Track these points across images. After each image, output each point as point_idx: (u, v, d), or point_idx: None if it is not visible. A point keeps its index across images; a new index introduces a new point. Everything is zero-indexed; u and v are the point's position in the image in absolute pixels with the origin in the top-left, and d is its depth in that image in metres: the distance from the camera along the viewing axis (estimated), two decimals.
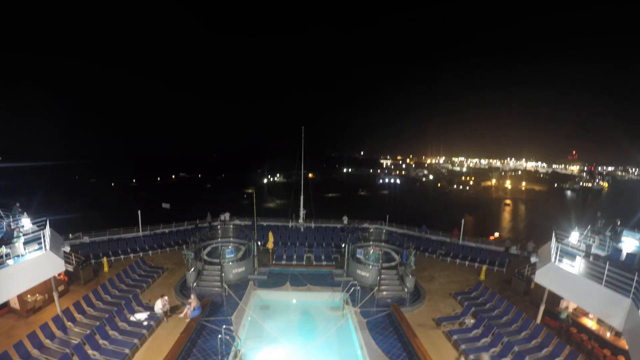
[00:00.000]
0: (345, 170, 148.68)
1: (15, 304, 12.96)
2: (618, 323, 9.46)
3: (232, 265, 16.80)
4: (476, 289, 16.16)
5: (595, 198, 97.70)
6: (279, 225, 24.95)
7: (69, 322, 12.06)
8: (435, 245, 22.46)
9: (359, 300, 14.51)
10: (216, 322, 12.53)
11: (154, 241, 21.60)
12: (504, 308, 14.17)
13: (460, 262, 20.36)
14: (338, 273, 17.61)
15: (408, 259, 15.72)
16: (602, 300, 9.93)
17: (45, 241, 11.81)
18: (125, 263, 18.37)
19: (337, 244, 22.16)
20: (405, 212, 46.91)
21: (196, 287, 15.44)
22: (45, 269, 11.74)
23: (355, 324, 12.99)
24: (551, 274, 12.08)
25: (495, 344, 11.57)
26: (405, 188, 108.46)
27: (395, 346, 11.74)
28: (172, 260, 19.64)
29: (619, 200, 73.84)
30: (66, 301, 13.72)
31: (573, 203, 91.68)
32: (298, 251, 20.45)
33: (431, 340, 12.15)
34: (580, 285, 10.79)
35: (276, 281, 16.66)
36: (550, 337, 11.69)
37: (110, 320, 12.02)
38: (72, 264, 16.06)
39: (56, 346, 10.70)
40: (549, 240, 13.56)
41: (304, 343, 12.09)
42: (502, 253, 20.65)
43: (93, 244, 19.79)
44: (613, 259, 11.60)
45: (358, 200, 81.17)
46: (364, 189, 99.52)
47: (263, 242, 20.18)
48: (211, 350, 11.14)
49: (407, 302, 14.98)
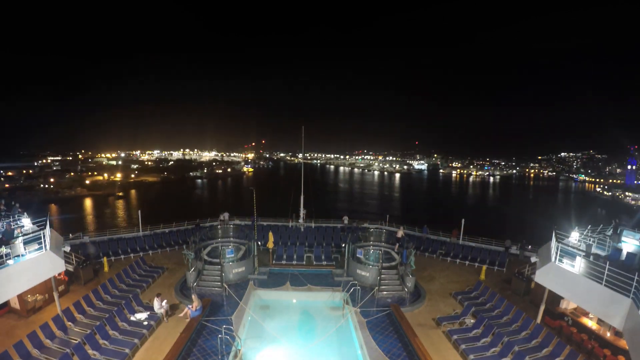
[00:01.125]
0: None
1: (16, 304, 12.97)
2: (618, 323, 9.46)
3: (232, 265, 16.80)
4: (476, 289, 16.16)
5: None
6: (279, 225, 24.96)
7: (69, 322, 12.05)
8: (435, 245, 22.46)
9: (359, 300, 14.51)
10: (216, 322, 12.53)
11: (154, 241, 21.60)
12: (504, 308, 14.16)
13: (460, 262, 20.36)
14: (338, 273, 17.61)
15: (408, 259, 15.72)
16: (602, 300, 9.94)
17: (46, 241, 11.81)
18: (125, 263, 18.37)
19: (337, 243, 22.15)
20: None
21: (196, 287, 15.43)
22: (45, 269, 11.74)
23: (355, 323, 12.98)
24: (551, 273, 12.09)
25: (496, 344, 11.57)
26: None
27: (395, 346, 11.74)
28: (172, 260, 19.65)
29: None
30: (66, 301, 13.73)
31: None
32: (298, 251, 20.44)
33: (431, 340, 12.16)
34: (580, 285, 10.79)
35: (276, 281, 16.66)
36: (550, 337, 11.69)
37: (110, 320, 12.02)
38: (72, 264, 16.07)
39: (56, 346, 10.70)
40: (549, 241, 13.57)
41: (304, 343, 12.09)
42: (502, 253, 20.64)
43: (93, 244, 19.79)
44: (613, 259, 11.59)
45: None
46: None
47: (263, 242, 20.18)
48: (211, 350, 11.13)
49: (407, 302, 14.97)
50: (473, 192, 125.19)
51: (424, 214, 65.61)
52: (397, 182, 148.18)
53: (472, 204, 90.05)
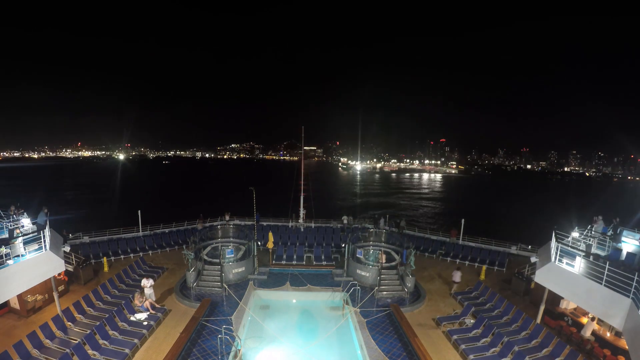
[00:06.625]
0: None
1: (15, 304, 12.96)
2: (618, 323, 9.46)
3: (232, 265, 16.79)
4: (476, 289, 16.16)
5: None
6: (279, 225, 24.96)
7: (69, 322, 12.05)
8: (435, 245, 22.47)
9: (359, 300, 14.51)
10: (216, 322, 12.53)
11: (154, 241, 21.60)
12: (504, 308, 14.17)
13: (460, 262, 20.36)
14: (338, 273, 17.60)
15: (408, 259, 15.72)
16: (602, 300, 9.94)
17: (45, 241, 11.82)
18: (125, 263, 18.37)
19: (337, 244, 22.16)
20: None
21: (196, 287, 15.44)
22: (45, 269, 11.74)
23: (355, 324, 12.99)
24: (551, 273, 12.09)
25: (495, 344, 11.57)
26: None
27: (395, 346, 11.73)
28: (172, 260, 19.65)
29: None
30: (66, 301, 13.73)
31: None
32: (298, 251, 20.44)
33: (431, 340, 12.16)
34: (580, 285, 10.79)
35: (276, 281, 16.66)
36: (550, 337, 11.69)
37: (110, 320, 12.02)
38: (72, 264, 16.06)
39: (56, 346, 10.70)
40: (549, 240, 13.57)
41: (304, 343, 12.09)
42: (502, 253, 20.64)
43: (93, 244, 19.79)
44: (613, 259, 11.58)
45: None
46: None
47: (263, 242, 20.18)
48: (211, 350, 11.13)
49: (407, 302, 14.98)
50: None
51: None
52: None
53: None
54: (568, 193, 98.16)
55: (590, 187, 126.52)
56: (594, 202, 66.88)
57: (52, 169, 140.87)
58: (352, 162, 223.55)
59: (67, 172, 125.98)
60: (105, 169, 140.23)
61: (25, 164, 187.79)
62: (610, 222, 14.04)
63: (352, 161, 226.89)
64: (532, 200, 79.89)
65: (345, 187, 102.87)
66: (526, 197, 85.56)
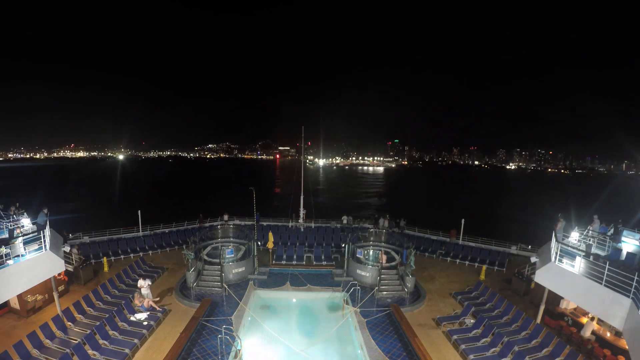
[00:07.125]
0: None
1: (15, 304, 12.96)
2: (618, 323, 9.46)
3: (232, 265, 16.79)
4: (476, 289, 16.16)
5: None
6: (279, 225, 24.97)
7: (69, 322, 12.05)
8: (435, 245, 22.47)
9: (359, 300, 14.51)
10: (216, 322, 12.53)
11: (154, 241, 21.60)
12: (504, 308, 14.16)
13: (460, 262, 20.36)
14: (338, 273, 17.60)
15: (408, 259, 15.71)
16: (602, 300, 9.92)
17: (45, 241, 11.81)
18: (125, 263, 18.37)
19: (337, 244, 22.16)
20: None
21: (196, 287, 15.44)
22: (45, 269, 11.75)
23: (355, 324, 12.99)
24: (551, 273, 12.09)
25: (495, 344, 11.57)
26: None
27: (395, 346, 11.73)
28: (172, 260, 19.65)
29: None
30: (66, 301, 13.73)
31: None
32: (298, 251, 20.44)
33: (431, 340, 12.16)
34: (580, 285, 10.79)
35: (276, 281, 16.66)
36: (550, 337, 11.69)
37: (110, 320, 12.02)
38: (72, 264, 16.06)
39: (56, 346, 10.70)
40: (549, 240, 13.57)
41: (304, 343, 12.08)
42: (502, 253, 20.64)
43: (93, 244, 19.79)
44: (613, 259, 11.59)
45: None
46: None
47: (263, 242, 20.17)
48: (211, 350, 11.13)
49: (407, 302, 14.97)
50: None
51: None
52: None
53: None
54: (557, 190, 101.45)
55: (512, 179, 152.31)
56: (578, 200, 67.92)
57: (52, 169, 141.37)
58: (317, 159, 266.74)
59: (67, 172, 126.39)
60: (105, 169, 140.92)
61: (25, 164, 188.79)
62: (608, 222, 14.10)
63: (317, 159, 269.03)
64: (532, 200, 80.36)
65: (310, 178, 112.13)
66: (519, 197, 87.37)
